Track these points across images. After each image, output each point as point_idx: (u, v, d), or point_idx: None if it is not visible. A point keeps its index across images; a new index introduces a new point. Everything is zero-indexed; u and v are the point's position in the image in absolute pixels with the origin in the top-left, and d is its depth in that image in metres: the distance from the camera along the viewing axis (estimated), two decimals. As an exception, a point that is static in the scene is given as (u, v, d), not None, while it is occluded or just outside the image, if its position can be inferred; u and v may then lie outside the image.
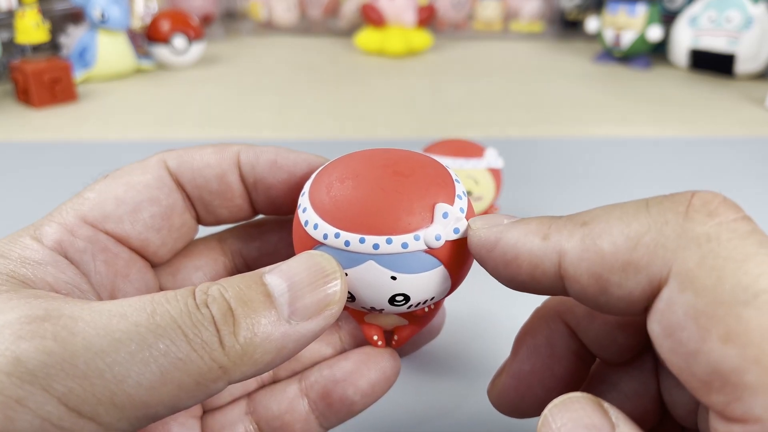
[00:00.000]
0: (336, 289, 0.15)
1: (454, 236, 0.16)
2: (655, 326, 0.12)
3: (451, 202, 0.16)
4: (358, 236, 0.15)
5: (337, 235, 0.15)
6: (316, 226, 0.15)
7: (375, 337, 0.19)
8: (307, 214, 0.16)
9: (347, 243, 0.15)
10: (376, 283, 0.15)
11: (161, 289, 0.19)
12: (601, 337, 0.16)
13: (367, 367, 0.18)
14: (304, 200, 0.16)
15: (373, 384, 0.18)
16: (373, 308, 0.16)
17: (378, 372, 0.18)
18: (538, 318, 0.18)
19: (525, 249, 0.14)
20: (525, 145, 0.52)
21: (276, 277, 0.14)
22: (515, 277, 0.14)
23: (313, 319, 0.14)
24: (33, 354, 0.12)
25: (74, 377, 0.12)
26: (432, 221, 0.15)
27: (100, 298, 0.17)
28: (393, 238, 0.15)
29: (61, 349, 0.12)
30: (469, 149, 0.34)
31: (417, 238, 0.15)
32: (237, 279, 0.14)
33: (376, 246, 0.15)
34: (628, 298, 0.13)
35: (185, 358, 0.13)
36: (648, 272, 0.12)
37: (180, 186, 0.19)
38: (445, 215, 0.15)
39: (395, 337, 0.19)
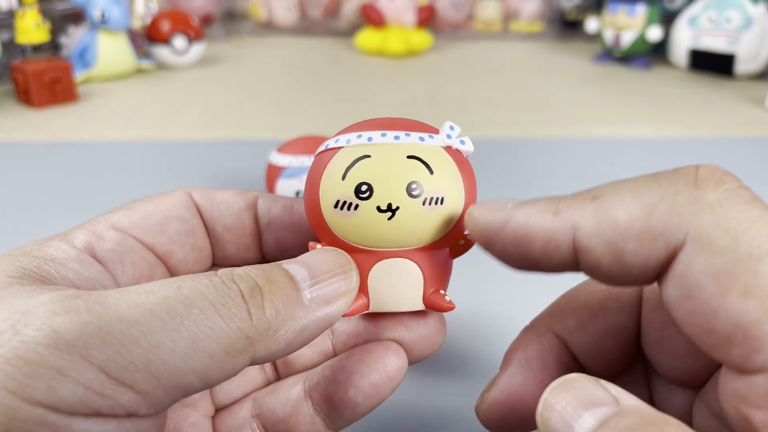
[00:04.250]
0: (352, 278, 0.16)
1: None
2: (673, 290, 0.13)
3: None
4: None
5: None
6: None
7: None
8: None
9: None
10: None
11: None
12: (591, 347, 0.17)
13: (368, 367, 0.17)
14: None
15: (376, 385, 0.17)
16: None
17: (380, 372, 0.17)
18: (528, 333, 0.18)
19: (537, 226, 0.14)
20: (525, 145, 0.52)
21: (295, 265, 0.15)
22: (527, 256, 0.14)
23: (331, 304, 0.15)
24: (69, 325, 0.12)
25: (111, 345, 0.12)
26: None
27: None
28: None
29: (96, 320, 0.12)
30: (414, 124, 0.31)
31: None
32: (259, 266, 0.15)
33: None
34: (644, 264, 0.13)
35: (214, 327, 0.13)
36: (665, 238, 0.13)
37: (200, 215, 0.20)
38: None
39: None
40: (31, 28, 0.60)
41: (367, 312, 0.18)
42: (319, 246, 0.17)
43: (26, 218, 0.39)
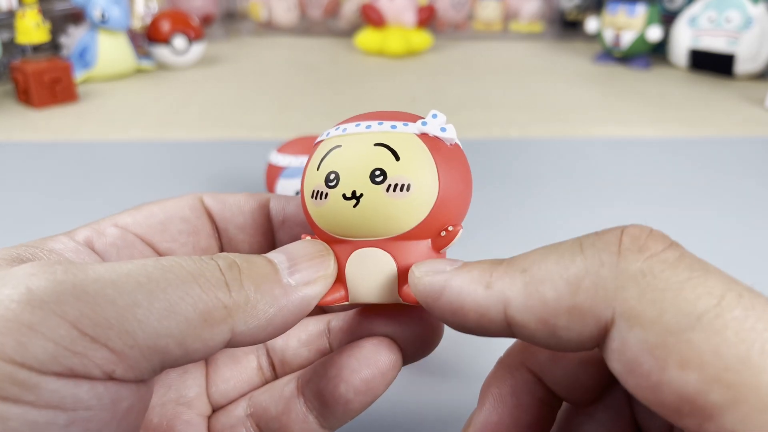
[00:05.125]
0: (329, 263, 0.16)
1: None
2: (615, 365, 0.13)
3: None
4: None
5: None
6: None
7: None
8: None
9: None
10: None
11: None
12: (565, 379, 0.16)
13: (359, 362, 0.17)
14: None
15: (367, 380, 0.17)
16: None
17: (371, 368, 0.17)
18: (502, 367, 0.17)
19: (470, 299, 0.14)
20: (525, 145, 0.52)
21: (275, 253, 0.16)
22: (463, 325, 0.15)
23: (310, 285, 0.15)
24: (44, 284, 0.12)
25: (85, 302, 0.12)
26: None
27: None
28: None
29: (72, 279, 0.12)
30: (396, 115, 0.30)
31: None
32: (240, 253, 0.15)
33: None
34: (578, 339, 0.13)
35: (192, 293, 0.13)
36: (593, 315, 0.13)
37: (210, 217, 0.20)
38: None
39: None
40: (31, 28, 0.60)
41: (347, 303, 0.17)
42: (308, 238, 0.18)
43: (26, 218, 0.39)
